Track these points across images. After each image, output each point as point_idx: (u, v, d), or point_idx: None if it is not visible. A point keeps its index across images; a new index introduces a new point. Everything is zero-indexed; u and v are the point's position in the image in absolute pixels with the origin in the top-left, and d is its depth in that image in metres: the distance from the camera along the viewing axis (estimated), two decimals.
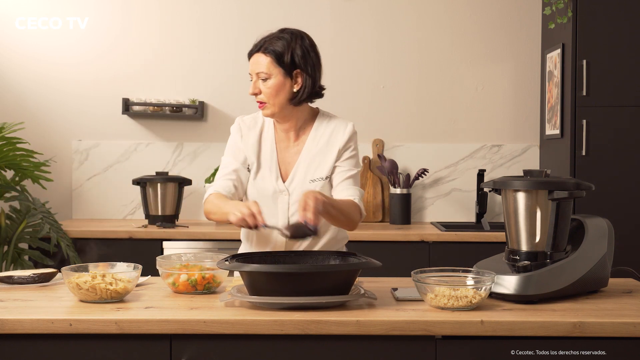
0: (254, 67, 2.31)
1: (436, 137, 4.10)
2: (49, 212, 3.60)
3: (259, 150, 2.41)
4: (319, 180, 2.34)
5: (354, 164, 2.39)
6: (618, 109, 3.52)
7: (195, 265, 2.13)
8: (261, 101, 2.32)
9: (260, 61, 2.30)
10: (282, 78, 2.30)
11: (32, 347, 1.81)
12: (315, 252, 2.11)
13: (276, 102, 2.31)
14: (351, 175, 2.37)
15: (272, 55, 2.29)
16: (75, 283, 1.95)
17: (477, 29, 4.08)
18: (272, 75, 2.29)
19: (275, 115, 2.34)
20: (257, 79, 2.31)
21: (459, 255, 3.43)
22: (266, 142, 2.41)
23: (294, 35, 2.33)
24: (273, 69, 2.29)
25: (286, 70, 2.30)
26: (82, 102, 4.10)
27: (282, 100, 2.31)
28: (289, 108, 2.35)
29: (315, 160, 2.36)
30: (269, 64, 2.29)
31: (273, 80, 2.29)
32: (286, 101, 2.32)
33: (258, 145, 2.41)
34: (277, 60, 2.29)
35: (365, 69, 4.10)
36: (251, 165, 2.40)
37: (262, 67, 2.29)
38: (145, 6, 4.10)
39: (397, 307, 1.91)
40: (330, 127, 2.40)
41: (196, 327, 1.79)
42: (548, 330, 1.78)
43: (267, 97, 2.30)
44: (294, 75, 2.31)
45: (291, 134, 2.41)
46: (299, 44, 2.32)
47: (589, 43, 3.51)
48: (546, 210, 2.03)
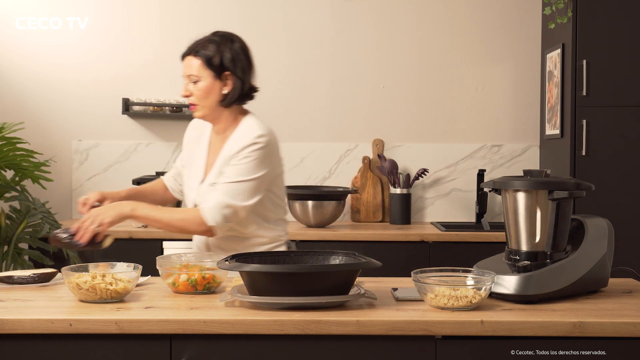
0: (185, 70, 2.37)
1: (436, 137, 4.10)
2: (49, 212, 3.60)
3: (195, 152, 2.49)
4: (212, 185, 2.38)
5: (238, 172, 2.30)
6: (618, 109, 3.52)
7: (195, 265, 2.13)
8: (192, 103, 2.37)
9: (191, 64, 2.35)
10: (212, 80, 2.35)
11: (32, 347, 1.81)
12: (315, 252, 2.11)
13: (206, 104, 2.36)
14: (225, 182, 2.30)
15: (202, 58, 2.34)
16: (75, 283, 1.95)
17: (477, 29, 4.09)
18: (202, 77, 2.34)
19: (206, 117, 2.40)
20: (188, 81, 2.36)
21: (459, 255, 3.43)
22: (203, 144, 2.48)
23: (224, 38, 2.38)
24: (203, 72, 2.34)
25: (216, 73, 2.35)
26: (82, 102, 4.10)
27: (212, 102, 2.36)
28: (219, 110, 2.39)
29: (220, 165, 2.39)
30: (199, 66, 2.34)
31: (203, 82, 2.34)
32: (216, 103, 2.37)
33: (197, 145, 2.49)
34: (207, 62, 2.34)
35: (365, 69, 4.10)
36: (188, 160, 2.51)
37: (192, 69, 2.35)
38: (145, 6, 4.10)
39: (397, 307, 1.91)
40: (240, 132, 2.38)
41: (196, 327, 1.79)
42: (548, 330, 1.78)
43: (197, 99, 2.36)
44: (223, 77, 2.36)
45: (220, 137, 2.45)
46: (229, 47, 2.37)
47: (589, 43, 3.51)
48: (546, 210, 2.03)
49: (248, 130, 2.35)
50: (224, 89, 2.36)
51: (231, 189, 2.29)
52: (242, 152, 2.32)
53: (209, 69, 2.34)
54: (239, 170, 2.30)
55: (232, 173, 2.31)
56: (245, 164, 2.30)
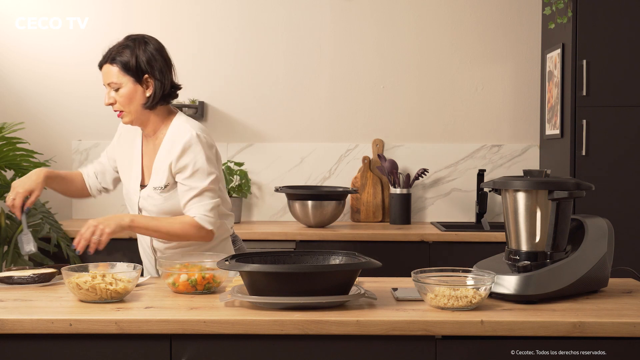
0: (105, 78, 2.37)
1: (436, 137, 4.11)
2: (49, 212, 3.60)
3: (130, 154, 2.48)
4: (158, 189, 2.38)
5: (200, 179, 2.33)
6: (618, 109, 3.52)
7: (195, 265, 2.13)
8: (118, 110, 2.37)
9: (109, 72, 2.35)
10: (133, 85, 2.35)
11: (32, 347, 1.81)
12: (315, 252, 2.11)
13: (132, 110, 2.36)
14: (195, 194, 2.32)
15: (118, 64, 2.35)
16: (75, 283, 1.95)
17: (477, 29, 4.09)
18: (123, 83, 2.34)
19: (134, 121, 2.39)
20: (109, 89, 2.36)
21: (459, 255, 3.43)
22: (136, 148, 2.47)
23: (137, 42, 2.39)
24: (122, 78, 2.34)
25: (135, 77, 2.35)
26: (82, 102, 4.10)
27: (137, 107, 2.36)
28: (146, 113, 2.39)
29: (160, 168, 2.38)
30: (118, 73, 2.34)
31: (124, 88, 2.34)
32: (140, 107, 2.37)
33: (130, 148, 2.49)
34: (124, 68, 2.35)
35: (365, 69, 4.10)
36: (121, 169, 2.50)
37: (112, 77, 2.35)
38: (145, 6, 4.10)
39: (397, 307, 1.91)
40: (172, 133, 2.39)
41: (196, 327, 1.79)
42: (548, 330, 1.78)
43: (122, 105, 2.36)
44: (143, 81, 2.36)
45: (152, 139, 2.45)
46: (143, 50, 2.37)
47: (589, 43, 3.51)
48: (546, 210, 2.03)
49: (181, 131, 2.36)
50: (146, 92, 2.36)
51: (205, 196, 2.33)
52: (187, 156, 2.32)
53: (127, 74, 2.34)
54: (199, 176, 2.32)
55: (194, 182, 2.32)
56: (200, 168, 2.33)
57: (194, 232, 2.31)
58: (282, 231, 3.58)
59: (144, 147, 2.47)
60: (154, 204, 2.39)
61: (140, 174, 2.45)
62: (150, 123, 2.42)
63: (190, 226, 2.31)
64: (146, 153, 2.46)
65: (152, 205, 2.39)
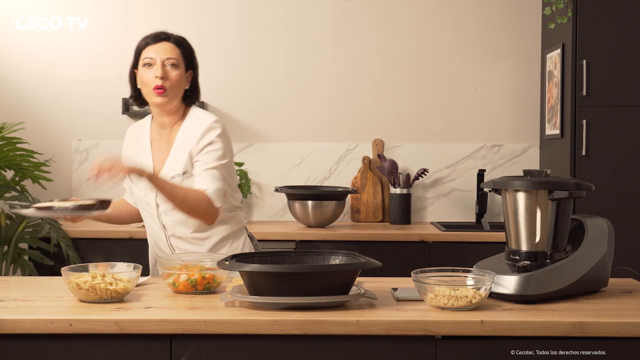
0: (162, 53, 2.37)
1: (436, 137, 4.11)
2: None
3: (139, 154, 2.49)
4: (177, 177, 2.38)
5: (215, 157, 2.36)
6: (618, 109, 3.52)
7: (195, 265, 2.13)
8: (164, 86, 2.36)
9: (171, 48, 2.39)
10: (184, 71, 2.41)
11: (32, 347, 1.81)
12: (315, 252, 2.11)
13: (177, 92, 2.40)
14: (208, 168, 2.34)
15: (180, 48, 2.40)
16: (75, 283, 1.95)
17: (477, 29, 4.09)
18: (179, 65, 2.39)
19: (168, 103, 2.39)
20: (162, 64, 2.36)
21: (459, 255, 3.43)
22: (144, 140, 2.49)
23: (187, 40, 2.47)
24: (180, 60, 2.39)
25: (186, 67, 2.42)
26: (82, 102, 4.10)
27: (179, 92, 2.41)
28: (178, 102, 2.43)
29: (178, 156, 2.39)
30: (179, 54, 2.39)
31: (180, 70, 2.39)
32: (181, 94, 2.42)
33: (137, 149, 2.50)
34: (183, 54, 2.41)
35: (365, 69, 4.10)
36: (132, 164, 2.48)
37: (174, 54, 2.38)
38: (145, 6, 4.10)
39: (397, 307, 1.91)
40: (192, 121, 2.43)
41: (196, 327, 1.79)
42: (548, 330, 1.78)
43: (172, 83, 2.37)
44: (188, 73, 2.44)
45: (166, 131, 2.46)
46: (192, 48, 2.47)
47: (589, 43, 3.51)
48: (546, 210, 2.03)
49: (201, 119, 2.41)
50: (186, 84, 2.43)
51: (217, 174, 2.33)
52: (207, 137, 2.36)
53: (183, 60, 2.40)
54: (215, 155, 2.35)
55: (210, 158, 2.34)
56: (218, 149, 2.36)
57: (204, 207, 2.30)
58: (282, 231, 3.58)
59: (155, 143, 2.47)
60: None
61: (150, 167, 2.44)
62: (174, 114, 2.44)
63: (202, 199, 2.29)
64: (158, 148, 2.46)
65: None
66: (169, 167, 2.40)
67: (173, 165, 2.39)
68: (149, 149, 2.47)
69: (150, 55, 2.37)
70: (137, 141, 2.52)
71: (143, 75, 2.38)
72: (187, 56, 2.42)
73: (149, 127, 2.51)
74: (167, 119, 2.44)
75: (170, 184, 2.29)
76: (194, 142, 2.36)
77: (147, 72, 2.37)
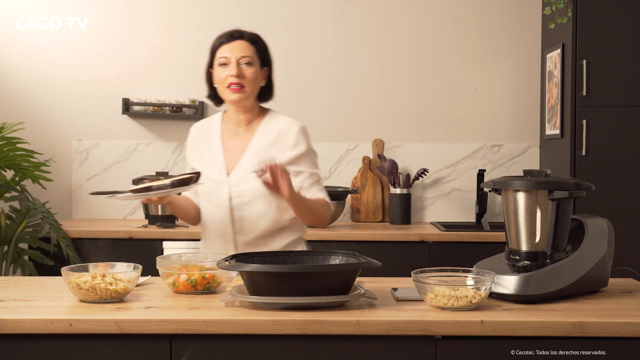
0: (237, 52, 2.39)
1: (436, 137, 4.11)
2: (49, 212, 3.60)
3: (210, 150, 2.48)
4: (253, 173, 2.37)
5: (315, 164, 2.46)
6: (618, 109, 3.52)
7: (195, 265, 2.13)
8: (240, 84, 2.38)
9: (246, 47, 2.40)
10: (259, 69, 2.43)
11: (32, 347, 1.81)
12: (315, 252, 2.12)
13: (252, 89, 2.41)
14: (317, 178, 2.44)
15: (254, 45, 2.42)
16: (75, 283, 1.95)
17: (477, 29, 4.09)
18: (254, 63, 2.40)
19: (245, 100, 2.41)
20: (237, 63, 2.38)
21: (459, 255, 3.43)
22: (214, 137, 2.48)
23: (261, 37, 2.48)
24: (255, 58, 2.41)
25: (261, 64, 2.44)
26: (82, 102, 4.10)
27: (255, 89, 2.43)
28: (253, 99, 2.45)
29: (262, 153, 2.39)
30: (254, 52, 2.41)
31: (255, 67, 2.40)
32: (256, 92, 2.44)
33: (207, 140, 2.50)
34: (258, 51, 2.42)
35: (365, 69, 4.10)
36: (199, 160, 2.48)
37: (248, 52, 2.40)
38: (145, 6, 4.10)
39: (397, 307, 1.91)
40: (280, 124, 2.45)
41: (196, 327, 1.79)
42: (548, 330, 1.78)
43: (248, 81, 2.39)
44: (264, 70, 2.45)
45: (241, 128, 2.46)
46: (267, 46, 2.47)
47: (589, 43, 3.51)
48: (546, 210, 2.03)
49: (289, 122, 2.44)
50: (262, 81, 2.45)
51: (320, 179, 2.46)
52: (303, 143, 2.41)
53: (258, 57, 2.42)
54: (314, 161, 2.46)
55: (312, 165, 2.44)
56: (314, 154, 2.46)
57: (326, 211, 2.41)
58: None
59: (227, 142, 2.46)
60: (251, 187, 2.37)
61: (224, 165, 2.43)
62: (250, 112, 2.45)
63: (325, 205, 2.41)
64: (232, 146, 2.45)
65: (249, 188, 2.38)
66: (245, 164, 2.40)
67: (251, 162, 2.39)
68: (220, 147, 2.46)
69: (225, 54, 2.39)
70: (206, 139, 2.51)
71: (219, 74, 2.41)
72: (261, 53, 2.43)
73: (219, 125, 2.50)
74: (243, 117, 2.45)
75: (304, 197, 2.35)
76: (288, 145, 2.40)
77: (223, 71, 2.39)
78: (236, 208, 2.40)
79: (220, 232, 2.45)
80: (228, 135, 2.48)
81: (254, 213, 2.39)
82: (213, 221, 2.46)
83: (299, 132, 2.41)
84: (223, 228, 2.44)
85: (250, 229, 2.41)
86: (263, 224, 2.40)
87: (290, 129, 2.42)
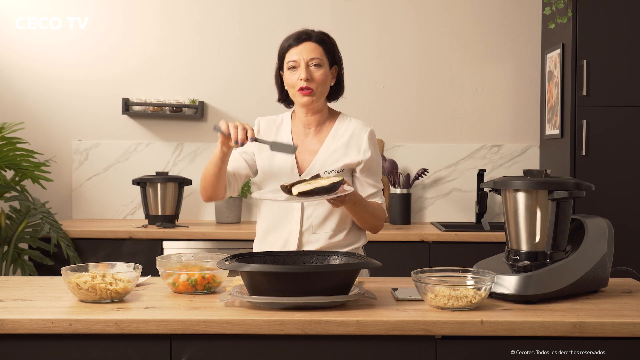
0: (306, 54, 2.35)
1: (436, 137, 4.11)
2: (49, 212, 3.60)
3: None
4: (333, 172, 2.38)
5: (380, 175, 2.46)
6: (618, 109, 3.52)
7: (195, 265, 2.13)
8: (309, 87, 2.34)
9: (314, 48, 2.36)
10: (328, 69, 2.39)
11: (32, 347, 1.81)
12: (315, 252, 2.11)
13: (323, 90, 2.38)
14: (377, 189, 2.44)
15: (322, 45, 2.38)
16: (75, 283, 1.95)
17: (477, 29, 4.09)
18: (323, 64, 2.37)
19: (316, 102, 2.38)
20: (306, 66, 2.34)
21: (459, 255, 3.43)
22: (284, 138, 2.44)
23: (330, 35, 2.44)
24: (324, 58, 2.37)
25: (330, 63, 2.40)
26: (82, 102, 4.10)
27: (326, 90, 2.40)
28: (324, 101, 2.43)
29: (334, 155, 2.39)
30: (322, 53, 2.37)
31: (325, 68, 2.37)
32: (327, 92, 2.41)
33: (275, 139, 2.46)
34: (326, 51, 2.38)
35: (365, 69, 4.10)
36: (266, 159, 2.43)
37: (316, 53, 2.36)
38: (145, 6, 4.10)
39: (397, 307, 1.91)
40: (352, 127, 2.44)
41: (196, 327, 1.79)
42: (548, 330, 1.78)
43: (317, 83, 2.36)
44: (333, 69, 2.42)
45: (311, 130, 2.45)
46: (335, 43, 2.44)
47: (589, 43, 3.51)
48: (546, 210, 2.03)
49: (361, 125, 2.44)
50: (331, 81, 2.42)
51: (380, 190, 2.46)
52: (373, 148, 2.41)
53: (327, 57, 2.38)
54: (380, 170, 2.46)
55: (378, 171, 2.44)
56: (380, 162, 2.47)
57: (383, 215, 2.42)
58: None
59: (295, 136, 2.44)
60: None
61: (296, 166, 2.40)
62: (320, 113, 2.43)
63: (383, 210, 2.42)
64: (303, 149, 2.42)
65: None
66: (319, 165, 2.39)
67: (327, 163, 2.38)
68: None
69: (294, 57, 2.36)
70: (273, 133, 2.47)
71: (288, 77, 2.38)
72: (330, 53, 2.39)
73: (289, 127, 2.47)
74: (313, 118, 2.43)
75: (365, 201, 2.35)
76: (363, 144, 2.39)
77: (292, 74, 2.36)
78: (306, 209, 2.39)
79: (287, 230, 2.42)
80: (298, 137, 2.45)
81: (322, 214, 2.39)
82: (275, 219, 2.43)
83: (368, 137, 2.41)
84: (288, 226, 2.41)
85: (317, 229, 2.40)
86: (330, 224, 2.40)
87: (360, 133, 2.41)
